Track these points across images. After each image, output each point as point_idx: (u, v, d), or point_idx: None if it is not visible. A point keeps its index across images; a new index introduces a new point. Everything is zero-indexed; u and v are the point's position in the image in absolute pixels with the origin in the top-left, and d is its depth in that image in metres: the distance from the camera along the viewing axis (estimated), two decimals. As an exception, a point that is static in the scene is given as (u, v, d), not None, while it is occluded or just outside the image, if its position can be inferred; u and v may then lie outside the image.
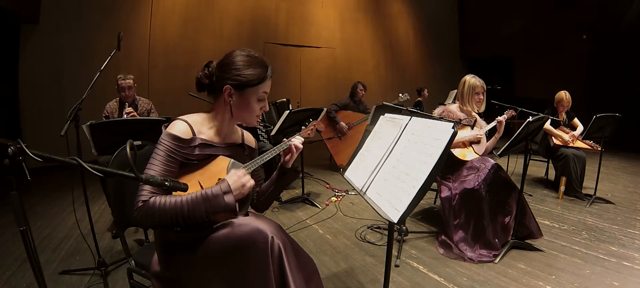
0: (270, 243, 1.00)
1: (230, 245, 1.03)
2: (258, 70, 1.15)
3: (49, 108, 4.71)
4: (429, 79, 9.21)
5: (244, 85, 1.14)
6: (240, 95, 1.16)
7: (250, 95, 1.16)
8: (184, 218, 1.02)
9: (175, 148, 1.09)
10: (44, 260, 2.18)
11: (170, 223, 1.03)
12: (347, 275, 2.07)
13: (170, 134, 1.10)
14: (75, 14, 4.95)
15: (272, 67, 1.20)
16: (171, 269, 1.13)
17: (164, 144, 1.09)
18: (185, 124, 1.13)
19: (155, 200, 1.02)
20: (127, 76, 2.93)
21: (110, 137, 2.05)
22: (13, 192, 0.71)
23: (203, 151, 1.15)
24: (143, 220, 1.03)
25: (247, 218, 1.10)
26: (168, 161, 1.08)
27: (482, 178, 2.26)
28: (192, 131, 1.13)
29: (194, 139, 1.13)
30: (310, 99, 7.12)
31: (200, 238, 1.07)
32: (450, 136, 1.12)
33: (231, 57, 1.16)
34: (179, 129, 1.11)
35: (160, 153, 1.08)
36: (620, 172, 4.62)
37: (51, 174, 4.19)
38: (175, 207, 1.01)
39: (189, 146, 1.12)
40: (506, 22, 8.94)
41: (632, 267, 2.08)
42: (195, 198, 1.03)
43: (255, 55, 1.18)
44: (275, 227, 1.07)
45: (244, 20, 6.62)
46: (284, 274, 1.00)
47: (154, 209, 1.01)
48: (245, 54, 1.16)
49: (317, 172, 4.60)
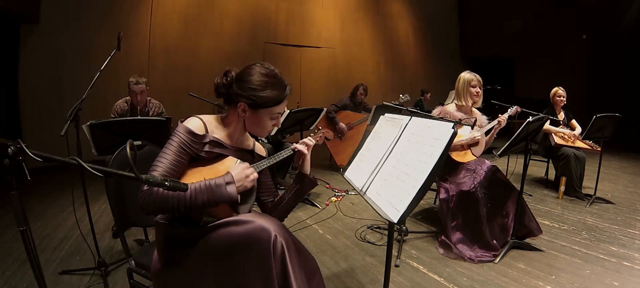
0: (273, 241, 1.00)
1: (232, 242, 1.03)
2: (275, 93, 1.16)
3: (49, 108, 4.71)
4: (429, 79, 9.20)
5: (258, 106, 1.16)
6: (254, 114, 1.18)
7: (263, 115, 1.19)
8: (185, 205, 1.04)
9: (188, 141, 1.12)
10: (44, 260, 2.18)
11: (172, 210, 1.05)
12: (347, 275, 2.07)
13: (185, 127, 1.14)
14: (75, 14, 4.94)
15: (290, 87, 1.21)
16: (172, 266, 1.12)
17: (178, 136, 1.12)
18: (200, 121, 1.18)
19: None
20: (140, 79, 2.82)
21: (110, 137, 2.05)
22: (13, 192, 0.71)
23: (213, 149, 1.18)
24: (146, 205, 1.04)
25: (250, 216, 1.10)
26: (180, 152, 1.11)
27: (479, 181, 2.25)
28: (205, 128, 1.17)
29: (206, 136, 1.17)
30: (310, 99, 7.11)
31: (202, 235, 1.07)
32: (450, 136, 1.12)
33: (250, 74, 1.16)
34: (194, 124, 1.15)
35: (173, 144, 1.11)
36: (620, 172, 4.63)
37: (51, 174, 4.19)
38: (178, 194, 1.03)
39: (200, 142, 1.15)
40: (506, 22, 8.94)
41: (632, 267, 2.08)
42: (198, 187, 1.05)
43: (274, 74, 1.18)
44: (279, 225, 1.07)
45: (244, 20, 6.62)
46: (286, 272, 1.00)
47: (158, 194, 1.03)
48: (264, 72, 1.17)
49: (317, 172, 4.60)
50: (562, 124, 3.65)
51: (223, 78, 1.22)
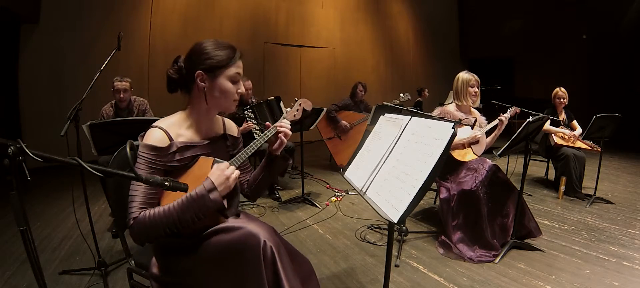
0: (262, 247, 0.99)
1: (223, 249, 1.02)
2: (227, 51, 1.13)
3: (49, 108, 4.71)
4: (429, 79, 9.21)
5: (215, 67, 1.12)
6: (213, 79, 1.12)
7: (223, 80, 1.13)
8: (176, 225, 1.00)
9: (154, 158, 1.06)
10: (44, 260, 2.18)
11: (165, 233, 1.01)
12: (347, 275, 2.07)
13: (146, 145, 1.06)
14: (75, 14, 4.94)
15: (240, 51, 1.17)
16: (169, 274, 1.13)
17: (142, 157, 1.06)
18: (160, 130, 1.09)
19: (145, 213, 1.00)
20: (124, 79, 2.90)
21: (110, 137, 2.05)
22: (13, 192, 0.71)
23: (183, 155, 1.12)
24: (139, 237, 1.02)
25: (240, 221, 1.09)
26: (150, 173, 1.04)
27: (480, 180, 2.25)
28: (168, 137, 1.10)
29: (172, 145, 1.10)
30: (310, 99, 6.94)
31: (194, 244, 1.06)
32: (450, 136, 1.12)
33: (199, 45, 1.14)
34: (155, 138, 1.07)
35: (141, 167, 1.05)
36: (620, 172, 4.63)
37: (51, 174, 4.19)
38: (165, 216, 0.99)
39: (167, 154, 1.08)
40: (506, 22, 8.94)
41: (632, 267, 2.08)
42: (182, 203, 1.00)
43: (220, 41, 1.16)
44: (268, 230, 1.05)
45: (244, 20, 6.63)
46: (278, 277, 0.99)
47: (146, 222, 0.99)
48: (211, 41, 1.15)
49: (317, 172, 4.59)
50: (563, 125, 3.65)
51: (173, 65, 1.18)
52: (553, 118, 3.51)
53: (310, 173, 4.48)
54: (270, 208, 3.22)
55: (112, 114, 2.95)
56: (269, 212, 3.15)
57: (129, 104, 2.99)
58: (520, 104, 2.72)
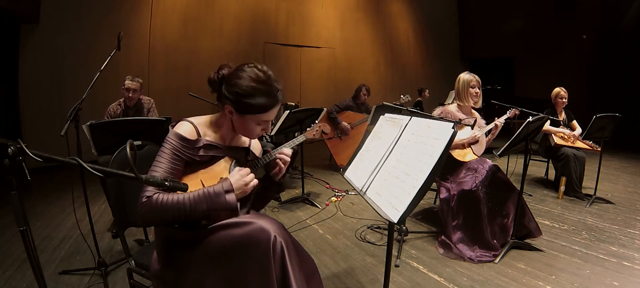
0: (272, 242, 1.00)
1: (232, 243, 1.03)
2: (263, 101, 1.10)
3: (49, 108, 4.71)
4: (429, 79, 9.20)
5: (244, 111, 1.12)
6: (240, 118, 1.14)
7: (250, 121, 1.14)
8: (185, 215, 1.03)
9: (180, 147, 1.11)
10: (44, 260, 2.18)
11: (172, 221, 1.04)
12: (347, 275, 2.06)
13: (176, 133, 1.11)
14: (75, 14, 4.94)
15: (281, 94, 1.15)
16: (171, 267, 1.12)
17: (170, 143, 1.11)
18: (191, 125, 1.15)
19: (158, 197, 1.03)
20: (135, 78, 2.92)
21: (110, 137, 2.04)
22: (13, 192, 0.71)
23: (207, 152, 1.16)
24: (146, 216, 1.04)
25: (249, 216, 1.09)
26: (173, 159, 1.10)
27: (480, 180, 2.26)
28: (197, 132, 1.15)
29: (199, 140, 1.14)
30: (310, 99, 7.12)
31: (201, 236, 1.07)
32: (450, 136, 1.12)
33: (239, 77, 1.10)
34: (185, 130, 1.13)
35: (166, 151, 1.10)
36: (620, 172, 4.63)
37: (51, 174, 4.19)
38: (177, 204, 1.03)
39: (193, 147, 1.13)
40: (506, 22, 8.94)
41: (632, 267, 2.08)
42: (197, 196, 1.04)
43: (265, 79, 1.10)
44: (278, 225, 1.07)
45: (244, 20, 6.62)
46: (285, 273, 1.00)
47: (157, 206, 1.02)
48: (255, 77, 1.09)
49: (317, 172, 4.60)
50: (563, 125, 3.65)
51: (215, 74, 1.17)
52: (553, 118, 3.52)
53: (310, 173, 4.48)
54: (270, 208, 3.22)
55: (120, 113, 2.96)
56: (269, 212, 3.15)
57: (137, 103, 3.01)
58: (520, 104, 2.73)
